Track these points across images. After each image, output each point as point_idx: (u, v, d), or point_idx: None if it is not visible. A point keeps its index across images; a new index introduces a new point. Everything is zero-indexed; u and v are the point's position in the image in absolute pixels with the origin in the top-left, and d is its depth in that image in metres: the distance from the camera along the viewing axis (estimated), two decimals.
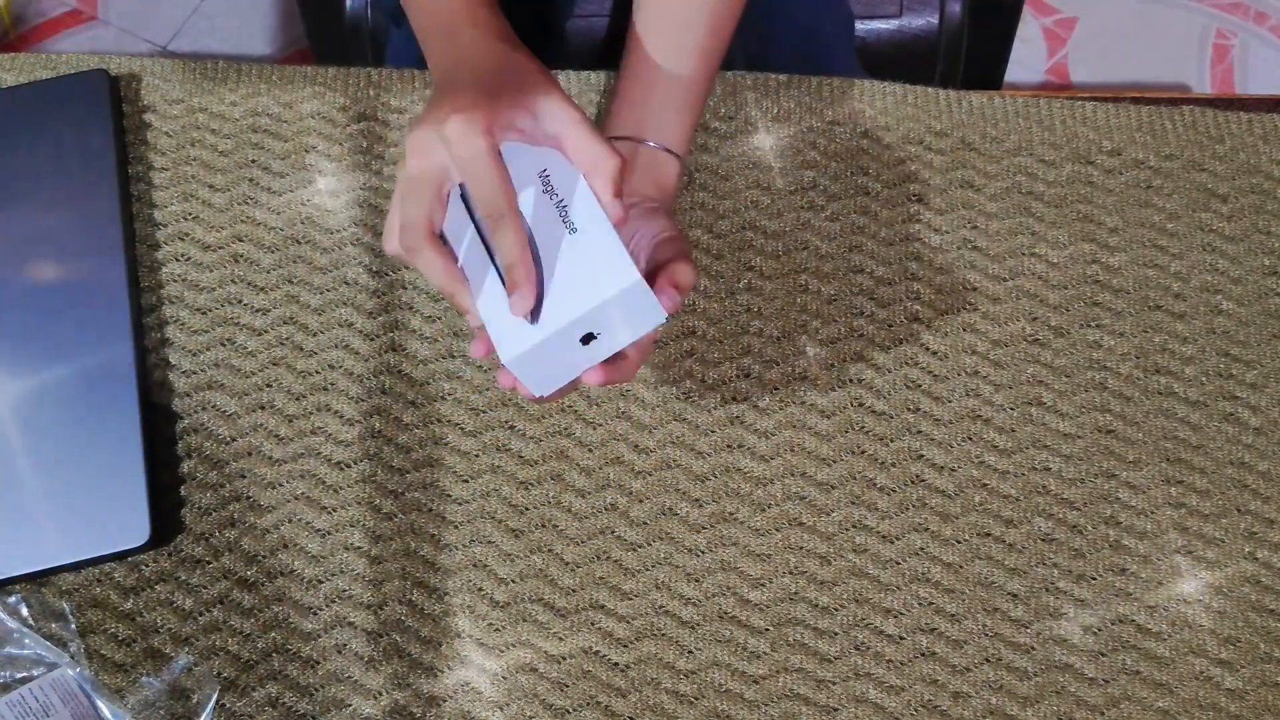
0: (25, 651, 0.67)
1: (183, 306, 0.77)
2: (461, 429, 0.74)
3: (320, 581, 0.71)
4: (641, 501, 0.73)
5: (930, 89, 0.83)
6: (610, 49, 0.96)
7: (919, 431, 0.74)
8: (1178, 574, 0.71)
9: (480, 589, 0.71)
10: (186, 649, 0.69)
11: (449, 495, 0.73)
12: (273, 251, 0.78)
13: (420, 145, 0.60)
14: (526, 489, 0.73)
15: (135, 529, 0.69)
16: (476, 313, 0.61)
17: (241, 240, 0.79)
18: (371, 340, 0.76)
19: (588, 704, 0.68)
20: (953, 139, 0.81)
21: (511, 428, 0.74)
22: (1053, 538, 0.72)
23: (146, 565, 0.71)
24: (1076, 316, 0.77)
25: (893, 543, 0.72)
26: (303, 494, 0.73)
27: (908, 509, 0.73)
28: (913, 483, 0.73)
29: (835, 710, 0.68)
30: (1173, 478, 0.73)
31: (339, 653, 0.69)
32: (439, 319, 0.77)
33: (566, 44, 0.97)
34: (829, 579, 0.71)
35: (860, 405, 0.75)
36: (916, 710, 0.68)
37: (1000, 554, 0.72)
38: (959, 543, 0.72)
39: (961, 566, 0.71)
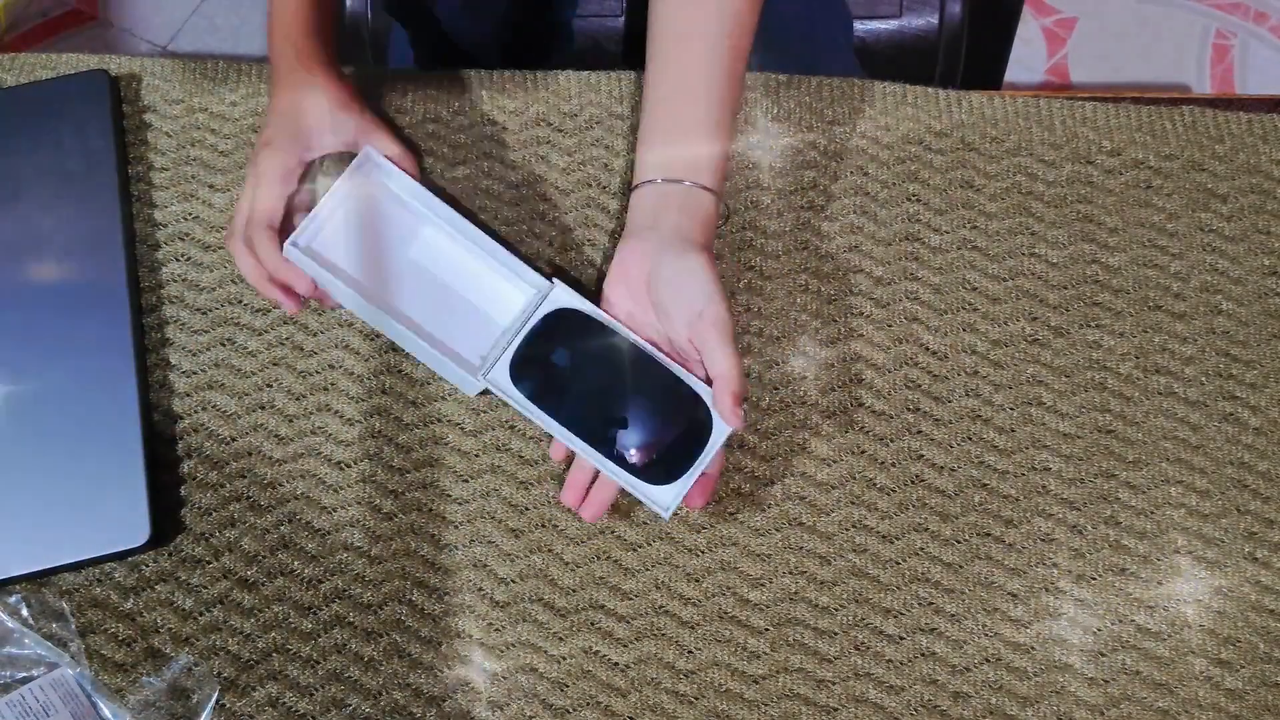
0: (25, 651, 0.67)
1: (183, 306, 0.77)
2: (462, 429, 0.74)
3: (320, 581, 0.71)
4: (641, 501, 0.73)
5: (930, 89, 0.83)
6: (608, 49, 0.96)
7: (919, 431, 0.74)
8: (1178, 574, 0.71)
9: (480, 589, 0.71)
10: (186, 649, 0.69)
11: (449, 495, 0.73)
12: None
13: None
14: (526, 489, 0.73)
15: (135, 529, 0.69)
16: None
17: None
18: (371, 340, 0.76)
19: (588, 704, 0.68)
20: (953, 139, 0.81)
21: (512, 428, 0.74)
22: (1053, 538, 0.72)
23: (146, 565, 0.71)
24: (1076, 316, 0.77)
25: (893, 543, 0.72)
26: (303, 494, 0.73)
27: (908, 509, 0.73)
28: (913, 483, 0.73)
29: (835, 710, 0.68)
30: (1173, 478, 0.73)
31: (339, 653, 0.69)
32: None
33: (568, 44, 0.97)
34: (829, 579, 0.71)
35: (860, 405, 0.75)
36: (916, 710, 0.68)
37: (1000, 554, 0.72)
38: (959, 543, 0.72)
39: (961, 566, 0.71)
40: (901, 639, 0.70)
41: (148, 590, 0.71)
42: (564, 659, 0.69)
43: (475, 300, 0.73)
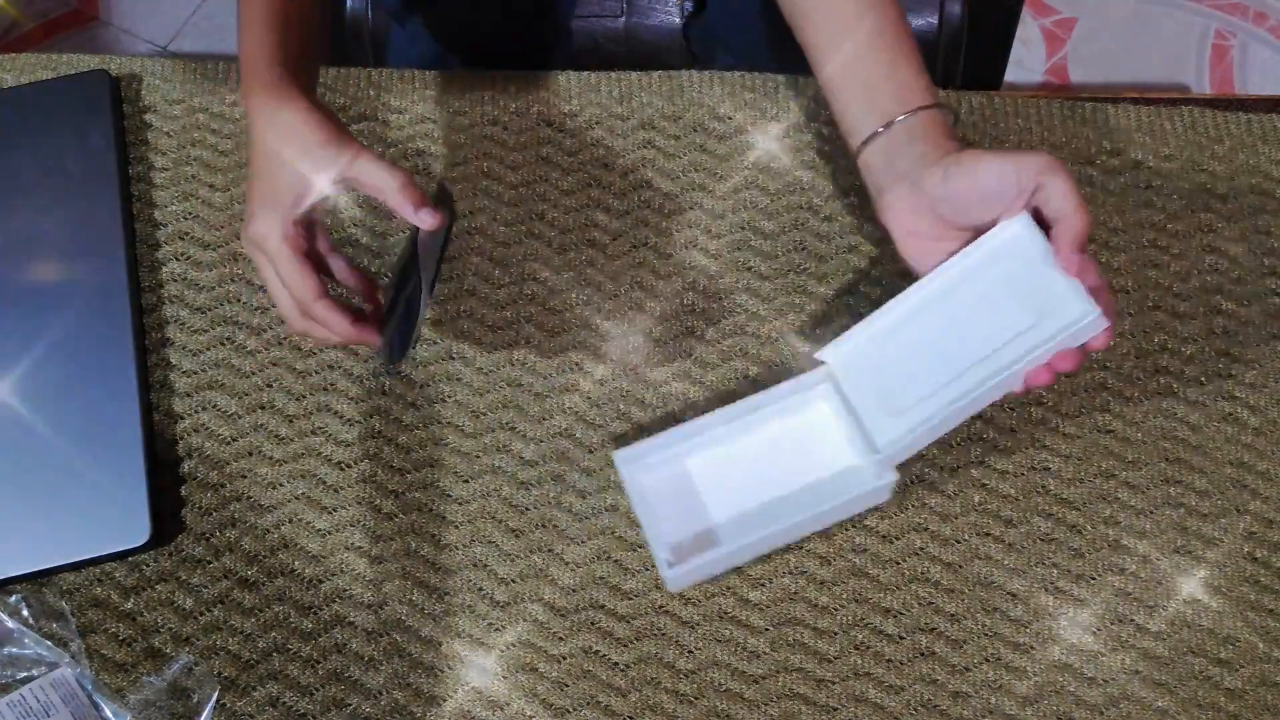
0: (26, 651, 0.67)
1: (183, 306, 0.77)
2: (462, 430, 0.74)
3: (320, 581, 0.71)
4: None
5: None
6: (608, 49, 0.96)
7: None
8: (1178, 574, 0.71)
9: (480, 589, 0.71)
10: (187, 648, 0.69)
11: (449, 495, 0.73)
12: None
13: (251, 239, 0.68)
14: (526, 489, 0.73)
15: (135, 529, 0.69)
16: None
17: (241, 240, 0.79)
18: None
19: (588, 704, 0.68)
20: None
21: (512, 429, 0.74)
22: (1053, 538, 0.72)
23: (147, 565, 0.71)
24: None
25: (893, 543, 0.72)
26: (303, 494, 0.73)
27: (907, 509, 0.72)
28: (913, 483, 0.73)
29: (835, 710, 0.68)
30: (1172, 477, 0.73)
31: (339, 652, 0.69)
32: (439, 320, 0.77)
33: (567, 44, 0.97)
34: (829, 579, 0.71)
35: None
36: (916, 710, 0.68)
37: (1000, 554, 0.72)
38: (959, 542, 0.72)
39: (961, 566, 0.71)
40: (901, 639, 0.70)
41: (148, 590, 0.71)
42: (564, 659, 0.69)
43: (803, 442, 0.71)
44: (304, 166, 0.65)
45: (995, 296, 0.66)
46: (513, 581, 0.71)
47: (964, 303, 0.67)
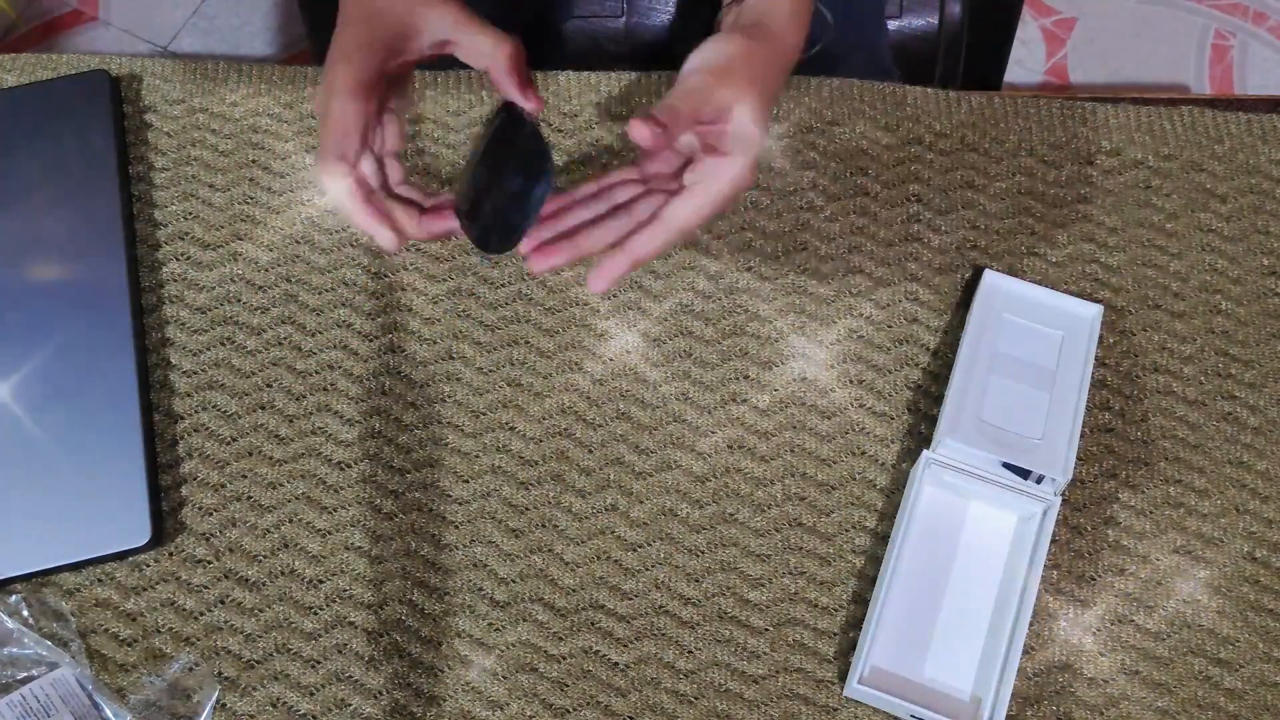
0: (26, 651, 0.67)
1: (183, 306, 0.77)
2: (461, 430, 0.74)
3: (320, 581, 0.71)
4: (641, 502, 0.73)
5: (930, 89, 0.83)
6: (608, 49, 0.96)
7: (919, 433, 0.74)
8: (1178, 574, 0.71)
9: (480, 589, 0.71)
10: (187, 649, 0.69)
11: (449, 495, 0.73)
12: (272, 251, 0.79)
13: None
14: (526, 489, 0.73)
15: (136, 529, 0.69)
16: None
17: (241, 240, 0.79)
18: (371, 341, 0.76)
19: (588, 704, 0.68)
20: (953, 139, 0.81)
21: (511, 428, 0.74)
22: (1053, 538, 0.72)
23: (147, 565, 0.71)
24: None
25: None
26: (303, 494, 0.73)
27: None
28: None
29: (835, 710, 0.68)
30: (1171, 477, 0.73)
31: (339, 653, 0.69)
32: (438, 320, 0.77)
33: (566, 44, 0.97)
34: (829, 579, 0.71)
35: (860, 406, 0.75)
36: None
37: None
38: None
39: None
40: None
41: (149, 590, 0.71)
42: (564, 659, 0.69)
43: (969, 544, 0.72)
44: (407, 20, 0.60)
45: (1023, 329, 0.75)
46: (513, 581, 0.71)
47: (1009, 346, 0.74)
